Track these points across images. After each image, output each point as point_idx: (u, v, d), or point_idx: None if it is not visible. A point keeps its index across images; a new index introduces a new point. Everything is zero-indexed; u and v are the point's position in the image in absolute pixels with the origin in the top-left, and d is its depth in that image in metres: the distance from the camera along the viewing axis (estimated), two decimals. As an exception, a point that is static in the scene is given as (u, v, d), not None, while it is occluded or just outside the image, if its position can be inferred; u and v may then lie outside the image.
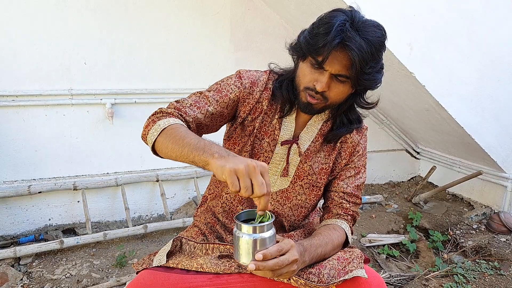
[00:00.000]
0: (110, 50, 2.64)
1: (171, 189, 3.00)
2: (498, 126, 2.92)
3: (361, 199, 1.30)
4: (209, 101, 1.20)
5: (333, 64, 1.08)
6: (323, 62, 1.07)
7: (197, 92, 1.24)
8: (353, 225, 1.29)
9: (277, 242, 0.97)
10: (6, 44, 2.39)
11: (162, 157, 1.11)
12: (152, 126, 1.10)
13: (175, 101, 1.20)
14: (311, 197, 1.30)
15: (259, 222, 0.94)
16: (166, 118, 1.11)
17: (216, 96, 1.21)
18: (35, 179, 2.61)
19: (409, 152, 3.96)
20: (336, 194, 1.28)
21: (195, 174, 2.99)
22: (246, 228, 0.92)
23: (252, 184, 0.86)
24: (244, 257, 0.93)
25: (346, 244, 1.25)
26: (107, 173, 2.81)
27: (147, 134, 1.11)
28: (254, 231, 0.92)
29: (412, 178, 4.04)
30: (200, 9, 2.82)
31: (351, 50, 1.03)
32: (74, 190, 2.64)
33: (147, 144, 1.13)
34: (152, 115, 1.16)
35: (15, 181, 2.56)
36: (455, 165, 3.53)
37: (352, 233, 1.27)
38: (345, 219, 1.26)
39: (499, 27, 2.65)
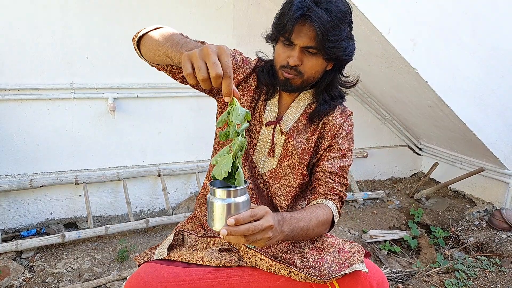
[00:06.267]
0: (113, 44, 2.63)
1: (173, 183, 3.00)
2: (501, 123, 2.90)
3: (347, 180, 1.30)
4: None
5: (299, 37, 1.13)
6: (290, 36, 1.13)
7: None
8: (341, 206, 1.28)
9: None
10: (8, 38, 2.38)
11: (141, 55, 1.16)
12: (151, 28, 1.16)
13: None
14: (297, 176, 1.31)
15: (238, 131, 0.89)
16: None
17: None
18: (37, 173, 2.61)
19: (411, 148, 3.95)
20: (322, 174, 1.28)
21: (197, 169, 2.99)
22: (219, 192, 0.89)
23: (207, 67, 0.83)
24: (217, 223, 0.89)
25: (332, 225, 1.25)
26: (109, 167, 2.81)
27: (141, 31, 1.15)
28: (228, 196, 0.88)
29: (414, 174, 4.03)
30: (202, 3, 2.81)
31: (311, 19, 1.09)
32: (75, 184, 2.65)
33: (133, 41, 1.17)
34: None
35: (17, 174, 2.56)
36: (457, 162, 3.52)
37: (339, 215, 1.27)
38: (331, 198, 1.25)
39: (504, 23, 2.63)
